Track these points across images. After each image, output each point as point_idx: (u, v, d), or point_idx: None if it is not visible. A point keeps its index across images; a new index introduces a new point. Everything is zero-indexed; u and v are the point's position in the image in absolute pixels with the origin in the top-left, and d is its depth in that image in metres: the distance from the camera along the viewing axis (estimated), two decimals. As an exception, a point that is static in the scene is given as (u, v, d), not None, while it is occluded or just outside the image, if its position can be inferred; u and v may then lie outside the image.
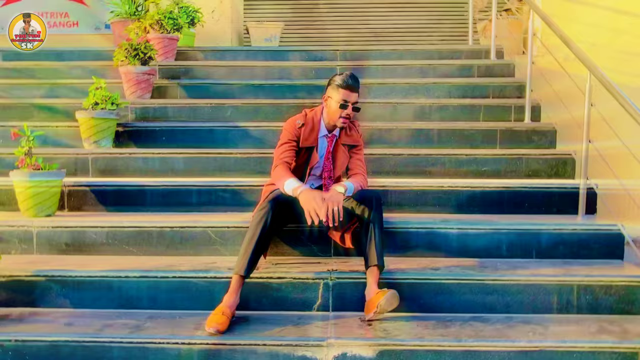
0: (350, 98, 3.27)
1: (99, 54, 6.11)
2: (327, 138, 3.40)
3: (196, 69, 5.76)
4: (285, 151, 3.29)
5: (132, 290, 3.15)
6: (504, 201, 3.90)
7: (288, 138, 3.32)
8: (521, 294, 3.10)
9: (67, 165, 4.16)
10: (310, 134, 3.34)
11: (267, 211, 3.02)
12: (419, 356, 2.71)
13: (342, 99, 3.26)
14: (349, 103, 3.27)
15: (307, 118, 3.37)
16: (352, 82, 3.26)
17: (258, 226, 2.99)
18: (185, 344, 2.75)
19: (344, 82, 3.26)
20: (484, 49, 6.13)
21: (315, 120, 3.37)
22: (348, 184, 3.18)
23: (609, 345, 2.71)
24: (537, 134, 4.61)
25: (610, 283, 3.10)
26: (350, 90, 3.26)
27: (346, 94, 3.26)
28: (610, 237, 3.45)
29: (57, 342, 2.77)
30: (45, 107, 5.06)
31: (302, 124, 3.33)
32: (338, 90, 3.27)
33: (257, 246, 2.98)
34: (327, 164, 3.40)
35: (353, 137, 3.44)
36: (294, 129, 3.33)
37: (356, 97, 3.30)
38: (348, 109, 3.27)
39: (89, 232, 3.52)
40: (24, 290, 3.16)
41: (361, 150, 3.47)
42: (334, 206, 2.97)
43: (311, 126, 3.35)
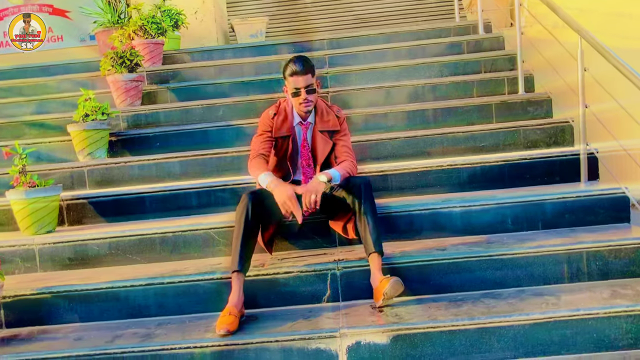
0: (300, 83, 3.21)
1: (86, 65, 6.06)
2: (302, 126, 3.36)
3: (184, 71, 5.72)
4: (260, 143, 3.29)
5: (139, 299, 3.13)
6: (505, 175, 3.86)
7: (262, 130, 3.32)
8: (531, 266, 3.07)
9: (63, 180, 4.13)
10: (283, 123, 3.31)
11: (245, 204, 3.00)
12: (433, 338, 2.69)
13: (293, 88, 3.23)
14: (300, 89, 3.22)
15: (279, 108, 3.36)
16: (297, 68, 3.20)
17: (240, 220, 2.98)
18: (197, 347, 2.73)
19: (289, 70, 3.22)
20: (471, 24, 6.09)
21: (288, 109, 3.35)
22: (333, 172, 3.13)
23: (623, 309, 2.68)
24: (533, 104, 4.57)
25: (619, 247, 3.07)
26: (298, 75, 3.20)
27: (295, 81, 3.22)
28: (615, 201, 3.41)
29: (69, 358, 2.75)
30: (36, 123, 5.03)
31: (275, 114, 3.31)
32: (287, 79, 3.25)
33: (244, 239, 2.95)
34: (304, 152, 3.36)
35: (330, 122, 3.36)
36: (267, 120, 3.32)
37: (307, 79, 3.22)
38: (302, 95, 3.23)
39: (91, 245, 3.49)
40: (31, 309, 3.13)
41: (345, 136, 3.39)
42: (311, 195, 2.96)
43: (284, 115, 3.33)
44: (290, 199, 2.99)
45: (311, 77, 3.25)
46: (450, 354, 2.69)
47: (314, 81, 3.27)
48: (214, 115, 4.97)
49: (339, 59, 5.65)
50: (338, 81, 5.29)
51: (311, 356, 2.71)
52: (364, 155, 4.22)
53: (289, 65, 3.25)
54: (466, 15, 6.92)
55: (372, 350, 2.70)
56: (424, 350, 2.69)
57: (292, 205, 2.98)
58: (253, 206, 3.00)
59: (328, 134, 3.35)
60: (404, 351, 2.70)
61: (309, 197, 2.98)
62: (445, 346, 2.69)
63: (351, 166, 3.25)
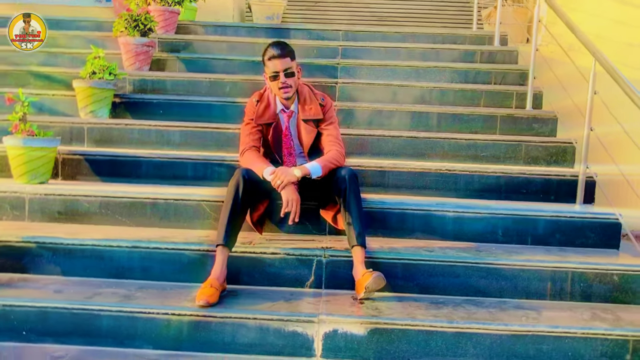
0: (278, 67, 3.16)
1: (99, 25, 6.02)
2: (285, 114, 3.32)
3: (196, 43, 5.69)
4: (249, 134, 3.25)
5: (123, 260, 3.12)
6: (501, 187, 3.86)
7: (248, 118, 3.29)
8: (515, 278, 3.09)
9: (62, 134, 4.11)
10: (265, 110, 3.28)
11: (238, 179, 2.99)
12: (410, 335, 2.70)
13: (272, 72, 3.19)
14: (279, 72, 3.18)
15: (263, 95, 3.32)
16: (275, 51, 3.16)
17: (231, 194, 2.97)
18: (175, 314, 2.73)
19: (268, 54, 3.18)
20: (487, 35, 6.08)
21: (271, 97, 3.31)
22: (312, 165, 3.09)
23: (601, 332, 2.70)
24: (538, 121, 4.57)
25: (605, 271, 3.08)
26: (276, 59, 3.16)
27: (273, 65, 3.17)
28: (607, 226, 3.42)
29: (46, 308, 2.75)
30: (42, 75, 5.00)
31: (258, 101, 3.28)
32: (266, 64, 3.21)
33: (232, 214, 2.94)
34: (285, 140, 3.32)
35: (312, 110, 3.28)
36: (252, 107, 3.30)
37: (285, 62, 3.17)
38: (280, 78, 3.18)
39: (82, 201, 3.48)
40: (14, 256, 3.12)
41: (331, 125, 3.30)
42: (277, 180, 2.97)
43: (266, 103, 3.29)
44: (297, 202, 3.00)
45: (290, 60, 3.19)
46: (425, 353, 2.70)
47: (293, 65, 3.21)
48: (221, 90, 4.94)
49: (352, 51, 5.64)
50: (348, 73, 5.28)
51: (287, 338, 2.71)
52: (365, 149, 4.23)
53: (267, 50, 3.20)
54: (484, 26, 6.90)
55: (348, 340, 2.70)
56: (400, 347, 2.70)
57: (296, 206, 2.99)
58: (245, 183, 2.99)
59: (313, 122, 3.29)
60: (379, 345, 2.70)
61: (275, 179, 2.98)
62: (421, 345, 2.70)
63: (337, 156, 3.18)
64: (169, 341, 2.73)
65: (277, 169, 3.03)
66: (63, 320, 2.75)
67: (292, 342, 2.72)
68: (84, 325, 2.74)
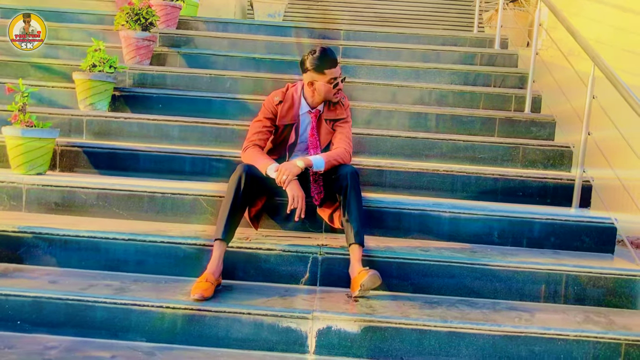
0: (337, 73, 3.21)
1: (101, 18, 6.02)
2: (311, 114, 3.32)
3: (197, 39, 5.70)
4: (257, 132, 3.24)
5: (119, 253, 3.12)
6: (498, 189, 3.87)
7: (264, 116, 3.26)
8: (509, 280, 3.10)
9: (61, 126, 4.11)
10: (288, 111, 3.26)
11: (240, 175, 2.99)
12: (404, 334, 2.70)
13: (330, 78, 3.19)
14: (338, 78, 3.21)
15: (286, 95, 3.29)
16: (333, 56, 3.20)
17: (232, 190, 2.97)
18: (169, 307, 2.73)
19: (326, 63, 3.17)
20: (488, 38, 6.09)
21: (295, 97, 3.29)
22: (316, 158, 3.09)
23: (594, 335, 2.71)
24: (536, 124, 4.58)
25: (599, 275, 3.10)
26: (335, 66, 3.19)
27: (333, 72, 3.19)
28: (602, 230, 3.44)
29: (41, 298, 2.75)
30: (43, 66, 5.00)
31: (280, 101, 3.26)
32: (324, 72, 3.18)
33: (232, 209, 2.95)
34: (312, 140, 3.31)
35: (337, 110, 3.32)
36: (271, 106, 3.27)
37: (339, 70, 3.24)
38: (340, 84, 3.23)
39: (79, 193, 3.48)
40: (10, 245, 3.13)
41: (347, 124, 3.33)
42: (282, 175, 2.97)
43: (290, 103, 3.27)
44: (302, 198, 3.00)
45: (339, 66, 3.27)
46: (418, 352, 2.71)
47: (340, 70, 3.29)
48: (221, 86, 4.95)
49: (353, 50, 5.65)
50: (348, 72, 5.27)
51: (281, 334, 2.72)
52: (363, 148, 4.23)
53: (324, 57, 3.18)
54: (484, 29, 6.92)
55: (342, 337, 2.71)
56: (393, 345, 2.71)
57: (301, 202, 2.99)
58: (247, 178, 2.99)
59: (331, 122, 3.31)
60: (373, 343, 2.71)
61: (280, 175, 2.98)
62: (414, 344, 2.71)
63: (343, 154, 3.19)
64: (163, 334, 2.73)
65: (281, 165, 3.03)
66: (57, 311, 2.75)
67: (286, 338, 2.72)
68: (78, 316, 2.74)
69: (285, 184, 2.98)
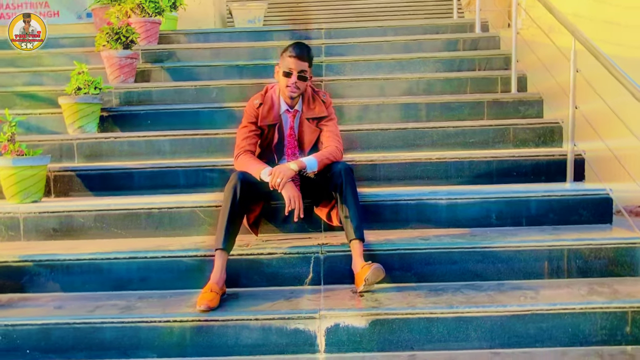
0: (294, 66, 3.17)
1: (82, 41, 6.01)
2: (289, 114, 3.32)
3: (180, 52, 5.70)
4: (245, 138, 3.23)
5: (122, 272, 3.13)
6: (492, 171, 3.88)
7: (247, 121, 3.27)
8: (512, 260, 3.11)
9: (52, 152, 4.11)
10: (269, 112, 3.27)
11: (235, 183, 2.99)
12: (412, 324, 2.72)
13: (287, 67, 3.18)
14: (292, 71, 3.18)
15: (265, 97, 3.30)
16: (297, 51, 3.17)
17: (228, 198, 2.97)
18: (177, 321, 2.74)
19: (289, 51, 3.18)
20: (468, 22, 6.11)
21: (274, 97, 3.30)
22: (309, 160, 3.09)
23: (599, 306, 2.73)
24: (524, 104, 4.60)
25: (600, 246, 3.11)
26: (295, 59, 3.17)
27: (291, 62, 3.17)
28: (598, 202, 3.45)
29: (48, 325, 2.76)
30: (28, 94, 5.00)
31: (260, 104, 3.26)
32: (284, 58, 3.20)
33: (231, 218, 2.95)
34: (290, 140, 3.31)
35: (317, 109, 3.30)
36: (252, 110, 3.27)
37: (302, 65, 3.18)
38: (292, 78, 3.18)
39: (77, 217, 3.49)
40: (12, 275, 3.13)
41: (332, 121, 3.32)
42: (276, 178, 2.96)
43: (270, 104, 3.28)
44: (299, 198, 3.01)
45: (307, 65, 3.22)
46: (427, 340, 2.72)
47: (308, 71, 3.24)
48: (207, 96, 4.96)
49: (336, 48, 5.65)
50: (333, 70, 5.30)
51: (290, 336, 2.73)
52: (355, 144, 4.24)
53: (290, 46, 3.20)
54: (464, 14, 6.94)
55: (351, 333, 2.72)
56: (402, 336, 2.72)
57: (299, 204, 3.00)
58: (242, 186, 3.00)
59: (315, 120, 3.31)
60: (382, 336, 2.72)
61: (274, 179, 2.97)
62: (423, 333, 2.72)
63: (335, 152, 3.19)
64: (173, 348, 2.74)
65: (274, 168, 3.03)
66: (66, 336, 2.76)
67: (295, 340, 2.73)
68: (87, 339, 2.75)
69: (280, 187, 2.99)
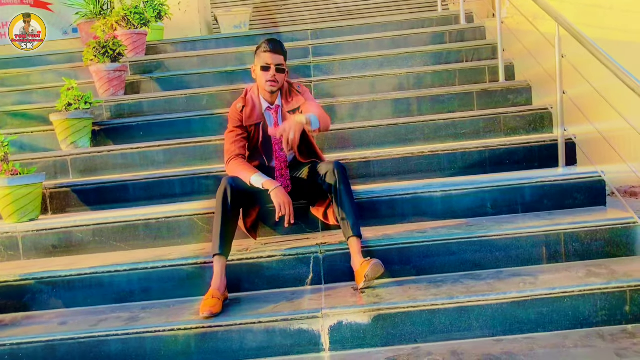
0: (272, 60, 3.23)
1: (69, 57, 6.03)
2: (271, 110, 3.36)
3: (168, 61, 5.71)
4: (233, 142, 3.27)
5: (123, 284, 3.15)
6: (485, 161, 3.91)
7: (233, 125, 3.30)
8: (509, 248, 3.13)
9: (46, 169, 4.14)
10: (252, 112, 3.30)
11: (225, 188, 3.02)
12: (414, 317, 2.74)
13: (264, 62, 3.23)
14: (270, 65, 3.23)
15: (246, 99, 3.34)
16: (272, 46, 3.23)
17: (220, 203, 3.00)
18: (181, 329, 2.76)
19: (263, 47, 3.24)
20: (453, 14, 6.14)
21: (254, 97, 3.34)
22: (310, 115, 3.08)
23: (598, 287, 2.76)
24: (513, 92, 4.63)
25: (595, 228, 3.14)
26: (271, 53, 3.22)
27: (267, 57, 3.23)
28: (592, 184, 3.48)
29: (53, 342, 2.77)
30: (19, 113, 5.01)
31: (243, 106, 3.30)
32: (259, 55, 3.26)
33: (224, 222, 2.98)
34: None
35: (294, 100, 3.36)
36: (236, 114, 3.30)
37: (278, 59, 3.24)
38: (271, 71, 3.23)
39: (75, 232, 3.50)
40: (14, 295, 3.14)
41: (310, 100, 3.37)
42: (289, 133, 2.94)
43: (251, 105, 3.32)
44: (289, 204, 3.03)
45: (283, 59, 3.27)
46: (430, 332, 2.75)
47: (284, 64, 3.28)
48: (198, 104, 4.98)
49: (323, 48, 5.68)
50: (321, 71, 5.33)
51: (294, 336, 2.75)
52: (347, 143, 4.27)
53: (263, 43, 3.26)
54: (449, 6, 6.96)
55: (354, 329, 2.74)
56: (405, 329, 2.74)
57: (289, 209, 3.01)
58: (232, 190, 3.02)
59: (296, 112, 3.32)
60: (385, 330, 2.74)
61: (287, 136, 2.94)
62: (426, 325, 2.75)
63: (324, 115, 3.21)
64: (179, 356, 2.76)
65: (282, 124, 3.00)
66: (71, 351, 2.77)
67: (299, 340, 2.75)
68: (93, 353, 2.77)
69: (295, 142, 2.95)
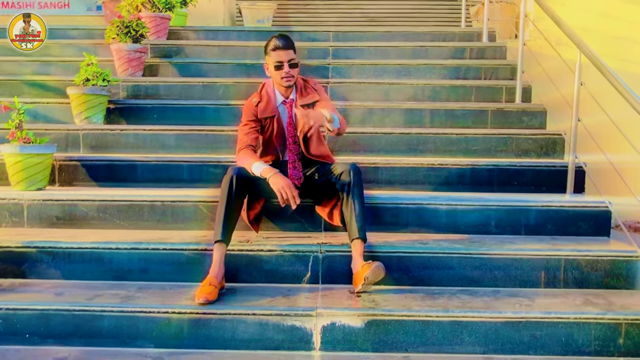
0: (283, 57, 3.25)
1: (91, 33, 6.06)
2: (286, 104, 3.39)
3: (188, 48, 5.75)
4: (246, 134, 3.31)
5: (122, 262, 3.16)
6: (493, 179, 3.92)
7: (247, 119, 3.35)
8: (508, 268, 3.13)
9: (58, 141, 4.15)
10: (267, 105, 3.35)
11: (231, 177, 3.05)
12: (407, 326, 2.75)
13: (276, 61, 3.26)
14: (283, 62, 3.26)
15: (262, 93, 3.38)
16: (279, 43, 3.25)
17: (224, 191, 3.03)
18: (175, 312, 2.77)
19: (272, 46, 3.26)
20: (476, 31, 6.15)
21: (270, 91, 3.38)
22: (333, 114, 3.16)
23: (594, 317, 2.75)
24: (528, 114, 4.64)
25: (597, 258, 3.14)
26: (281, 50, 3.25)
27: (278, 55, 3.25)
28: (597, 214, 3.48)
29: (48, 311, 2.79)
30: (37, 83, 5.05)
31: (258, 101, 3.35)
32: (270, 54, 3.28)
33: (227, 210, 3.00)
34: (290, 129, 3.37)
35: (309, 95, 3.40)
36: (251, 108, 3.35)
37: (290, 54, 3.26)
38: (285, 68, 3.26)
39: (80, 206, 3.52)
40: (14, 261, 3.16)
41: (327, 101, 3.40)
42: (310, 120, 2.99)
43: (267, 99, 3.36)
44: (288, 186, 3.04)
45: (293, 52, 3.29)
46: (421, 343, 2.75)
47: (296, 57, 3.31)
48: (214, 93, 5.00)
49: (343, 51, 5.70)
50: (339, 73, 5.34)
51: (286, 332, 2.76)
52: (358, 147, 4.29)
53: (271, 41, 3.28)
54: (472, 23, 6.97)
55: (346, 332, 2.75)
56: (397, 337, 2.75)
57: (289, 191, 3.03)
58: (238, 179, 3.05)
59: (310, 106, 3.35)
60: (377, 336, 2.75)
61: (306, 121, 2.99)
62: (418, 335, 2.75)
63: (342, 117, 3.27)
64: (170, 339, 2.77)
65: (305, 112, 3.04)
66: (65, 322, 2.79)
67: (291, 337, 2.76)
68: (86, 327, 2.78)
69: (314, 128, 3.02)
